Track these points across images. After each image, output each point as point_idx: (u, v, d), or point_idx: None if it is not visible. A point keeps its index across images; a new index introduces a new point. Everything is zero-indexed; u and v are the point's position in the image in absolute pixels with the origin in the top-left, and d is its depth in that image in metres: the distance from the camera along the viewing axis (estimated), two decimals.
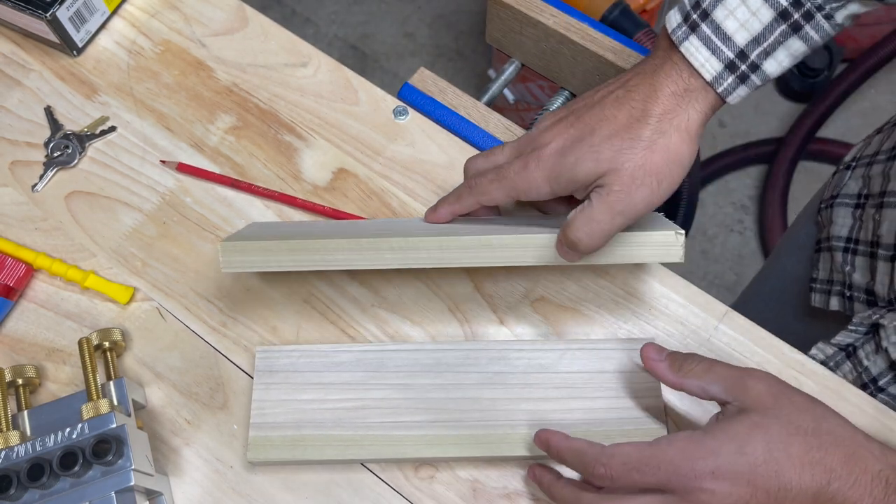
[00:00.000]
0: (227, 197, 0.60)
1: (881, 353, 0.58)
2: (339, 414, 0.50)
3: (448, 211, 0.52)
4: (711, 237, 1.62)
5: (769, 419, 0.40)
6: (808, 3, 0.42)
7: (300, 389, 0.51)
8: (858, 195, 0.66)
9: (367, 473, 0.51)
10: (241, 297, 0.57)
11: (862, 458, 0.39)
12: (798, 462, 0.39)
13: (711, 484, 0.39)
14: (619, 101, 0.46)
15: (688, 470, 0.39)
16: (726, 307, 0.55)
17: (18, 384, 0.52)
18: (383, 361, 0.52)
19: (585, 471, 0.43)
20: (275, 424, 0.50)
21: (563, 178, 0.46)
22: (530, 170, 0.47)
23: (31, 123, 0.63)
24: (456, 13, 1.88)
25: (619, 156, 0.44)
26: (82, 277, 0.56)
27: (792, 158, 1.62)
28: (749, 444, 0.40)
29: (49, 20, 0.61)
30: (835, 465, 0.39)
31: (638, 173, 0.44)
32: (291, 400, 0.51)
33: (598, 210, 0.44)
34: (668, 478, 0.40)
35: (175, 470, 0.52)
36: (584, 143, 0.45)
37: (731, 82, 0.44)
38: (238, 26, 0.66)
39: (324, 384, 0.51)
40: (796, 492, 0.38)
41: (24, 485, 0.45)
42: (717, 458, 0.39)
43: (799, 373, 0.53)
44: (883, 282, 0.59)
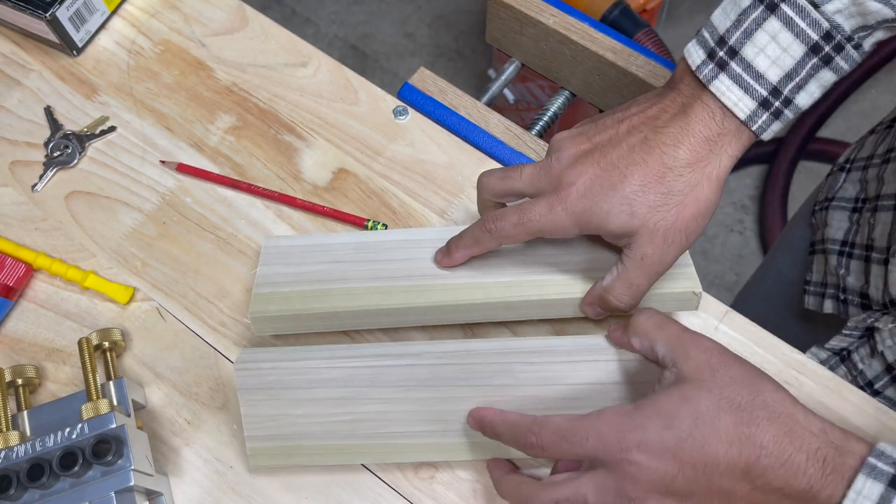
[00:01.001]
0: (227, 197, 0.60)
1: (877, 357, 0.58)
2: (334, 427, 0.49)
3: (466, 255, 0.50)
4: (711, 237, 1.62)
5: (701, 392, 0.40)
6: (838, 36, 0.42)
7: (290, 405, 0.49)
8: (856, 199, 0.66)
9: (367, 473, 0.51)
10: (241, 297, 0.57)
11: (798, 435, 0.37)
12: (725, 437, 0.38)
13: (638, 456, 0.38)
14: (647, 143, 0.44)
15: (615, 442, 0.39)
16: (726, 307, 0.55)
17: (18, 384, 0.52)
18: (377, 376, 0.48)
19: (518, 442, 0.42)
20: (270, 436, 0.49)
21: (593, 224, 0.45)
22: (557, 213, 0.45)
23: (30, 123, 0.63)
24: (456, 13, 1.88)
25: (653, 214, 0.44)
26: (82, 277, 0.56)
27: (792, 158, 1.62)
28: (676, 418, 0.39)
29: (49, 20, 0.61)
30: (766, 441, 0.37)
31: (670, 233, 0.45)
32: (281, 416, 0.49)
33: (635, 274, 0.46)
34: (595, 449, 0.39)
35: (175, 470, 0.52)
36: (616, 192, 0.44)
37: (766, 119, 0.44)
38: (238, 26, 0.66)
39: (315, 399, 0.49)
40: (724, 467, 0.37)
41: (23, 485, 0.45)
42: (644, 431, 0.39)
43: (799, 373, 0.52)
44: (877, 285, 0.59)
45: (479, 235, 0.49)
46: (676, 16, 1.80)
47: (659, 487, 0.38)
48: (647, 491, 0.39)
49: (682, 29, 1.79)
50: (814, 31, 0.42)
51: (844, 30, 0.42)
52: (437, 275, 0.51)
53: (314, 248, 0.53)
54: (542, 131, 0.70)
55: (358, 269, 0.52)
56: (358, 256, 0.52)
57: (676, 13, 1.79)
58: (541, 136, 0.70)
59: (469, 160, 0.60)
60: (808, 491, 0.36)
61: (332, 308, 0.50)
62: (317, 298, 0.50)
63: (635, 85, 0.64)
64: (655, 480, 0.38)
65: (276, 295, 0.51)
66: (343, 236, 0.54)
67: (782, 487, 0.37)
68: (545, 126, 0.70)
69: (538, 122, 0.70)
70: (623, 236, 0.46)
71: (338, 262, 0.52)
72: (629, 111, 0.47)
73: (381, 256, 0.52)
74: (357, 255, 0.53)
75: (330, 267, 0.52)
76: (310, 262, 0.52)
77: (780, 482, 0.37)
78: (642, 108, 0.46)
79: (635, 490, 0.39)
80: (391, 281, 0.51)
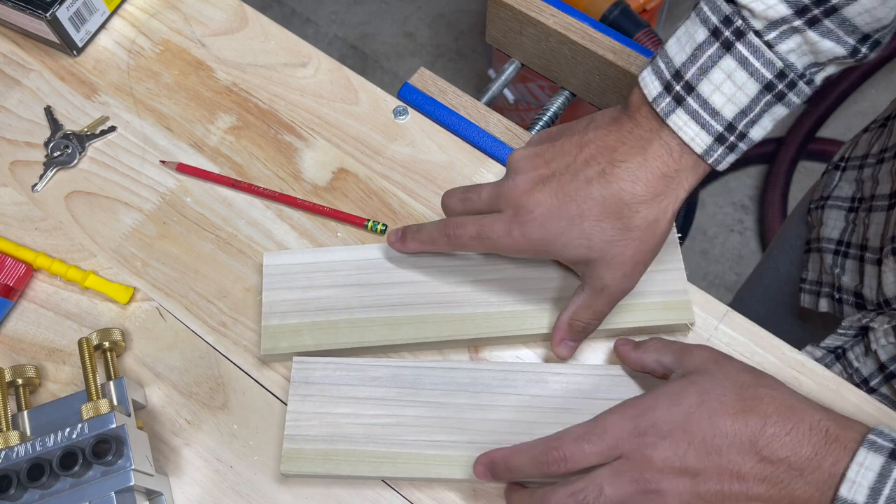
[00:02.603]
0: (227, 197, 0.60)
1: (871, 356, 0.58)
2: (373, 430, 0.49)
3: (418, 248, 0.52)
4: (711, 237, 1.62)
5: (706, 377, 0.42)
6: (791, 74, 0.43)
7: (335, 403, 0.50)
8: (852, 199, 0.66)
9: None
10: (241, 297, 0.57)
11: (799, 409, 0.39)
12: (731, 409, 0.39)
13: (653, 437, 0.40)
14: (605, 177, 0.45)
15: (630, 428, 0.41)
16: (726, 307, 0.55)
17: (18, 384, 0.52)
18: (419, 378, 0.51)
19: (541, 462, 0.42)
20: (308, 437, 0.49)
21: (551, 252, 0.47)
22: (514, 237, 0.47)
23: (30, 123, 0.63)
24: (456, 13, 1.88)
25: (611, 248, 0.45)
26: (82, 277, 0.57)
27: (792, 158, 1.62)
28: (683, 396, 0.41)
29: (49, 20, 0.61)
30: (770, 412, 0.39)
31: (627, 266, 0.46)
32: (326, 413, 0.50)
33: (597, 303, 0.48)
34: (614, 440, 0.41)
35: (175, 470, 0.52)
36: (573, 225, 0.45)
37: (721, 153, 0.45)
38: (238, 26, 0.66)
39: (359, 399, 0.50)
40: (732, 437, 0.39)
41: (23, 485, 0.45)
42: (654, 412, 0.41)
43: (799, 373, 0.53)
44: (871, 285, 0.59)
45: (437, 238, 0.51)
46: (676, 16, 1.80)
47: (673, 466, 0.39)
48: (662, 471, 0.39)
49: None
50: (768, 70, 0.42)
51: (797, 68, 0.43)
52: (441, 303, 0.53)
53: (316, 267, 0.54)
54: None
55: (361, 295, 0.53)
56: (361, 279, 0.54)
57: (676, 13, 1.79)
58: None
59: (469, 160, 0.61)
60: (814, 458, 0.37)
61: (341, 344, 0.52)
62: (324, 332, 0.52)
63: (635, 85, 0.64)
64: (669, 458, 0.39)
65: (285, 328, 0.53)
66: (342, 252, 0.55)
67: (788, 456, 0.38)
68: (545, 126, 0.70)
69: (538, 122, 0.70)
70: (581, 265, 0.48)
71: (341, 287, 0.54)
72: (587, 136, 0.47)
73: (382, 279, 0.54)
74: (360, 276, 0.54)
75: (334, 293, 0.53)
76: (313, 287, 0.54)
77: (786, 450, 0.38)
78: (600, 134, 0.47)
79: (650, 472, 0.39)
80: (396, 310, 0.53)
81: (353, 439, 0.49)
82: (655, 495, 0.39)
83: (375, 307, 0.53)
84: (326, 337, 0.52)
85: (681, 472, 0.39)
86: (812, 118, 1.64)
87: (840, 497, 0.36)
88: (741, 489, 0.38)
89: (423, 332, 0.52)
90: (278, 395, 0.54)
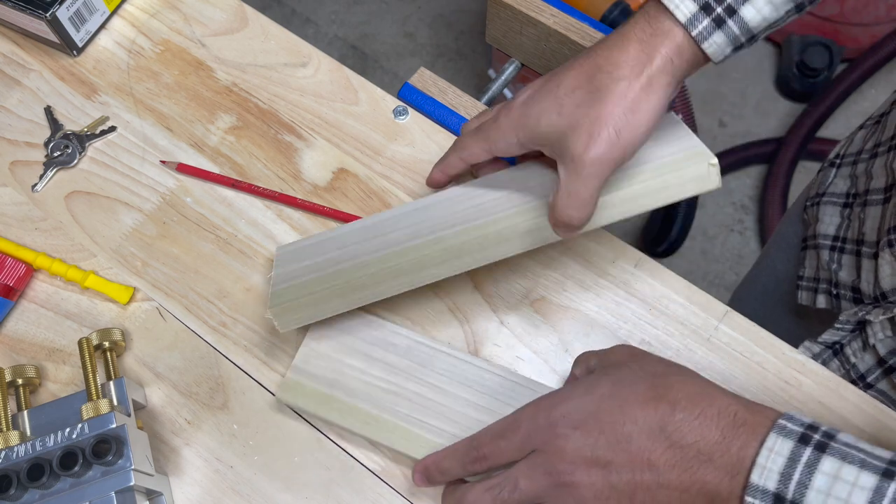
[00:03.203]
0: (227, 197, 0.60)
1: (869, 350, 0.58)
2: (373, 391, 0.50)
3: (438, 171, 0.54)
4: (712, 237, 1.62)
5: (621, 369, 0.42)
6: None
7: (348, 352, 0.51)
8: (847, 194, 0.66)
9: (367, 473, 0.51)
10: (241, 297, 0.57)
11: (709, 394, 0.39)
12: (643, 397, 0.40)
13: (564, 429, 0.40)
14: (588, 53, 0.46)
15: (544, 420, 0.41)
16: (727, 307, 0.55)
17: (18, 384, 0.52)
18: (432, 359, 0.51)
19: (464, 462, 0.44)
20: (312, 376, 0.51)
21: (528, 128, 0.47)
22: (500, 121, 0.48)
23: (30, 123, 0.63)
24: (456, 13, 1.88)
25: (578, 111, 0.44)
26: (82, 277, 0.56)
27: (792, 158, 1.62)
28: (596, 385, 0.41)
29: (49, 20, 0.61)
30: (679, 398, 0.39)
31: (595, 128, 0.43)
32: (337, 359, 0.51)
33: (571, 181, 0.44)
34: (528, 433, 0.41)
35: (175, 470, 0.52)
36: (549, 94, 0.46)
37: (707, 25, 0.42)
38: (238, 26, 0.66)
39: (371, 357, 0.51)
40: (641, 423, 0.39)
41: (23, 485, 0.45)
42: (566, 403, 0.41)
43: (799, 373, 0.53)
44: (868, 279, 0.59)
45: (448, 154, 0.54)
46: None
47: (585, 456, 0.39)
48: (574, 463, 0.40)
49: None
50: None
51: None
52: (446, 225, 0.50)
53: (325, 241, 0.54)
54: None
55: (368, 245, 0.52)
56: (366, 235, 0.53)
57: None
58: None
59: None
60: (722, 442, 0.37)
61: (349, 280, 0.49)
62: (332, 276, 0.50)
63: None
64: (581, 448, 0.40)
65: (293, 286, 0.51)
66: (351, 224, 0.55)
67: (697, 441, 0.37)
68: None
69: None
70: (556, 141, 0.45)
71: (348, 246, 0.53)
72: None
73: (388, 229, 0.53)
74: (366, 234, 0.53)
75: (341, 252, 0.52)
76: (322, 253, 0.53)
77: (694, 435, 0.38)
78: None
79: (563, 464, 0.40)
80: (402, 244, 0.50)
81: (351, 392, 0.50)
82: (570, 487, 0.40)
83: (382, 248, 0.50)
84: (334, 280, 0.50)
85: (593, 462, 0.39)
86: (812, 118, 1.64)
87: (751, 484, 0.35)
88: (652, 478, 0.38)
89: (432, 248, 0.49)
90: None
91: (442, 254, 0.49)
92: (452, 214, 0.51)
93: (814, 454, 0.35)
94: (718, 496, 0.37)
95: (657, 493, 0.39)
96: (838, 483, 0.34)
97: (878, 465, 0.34)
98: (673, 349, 0.54)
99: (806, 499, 0.34)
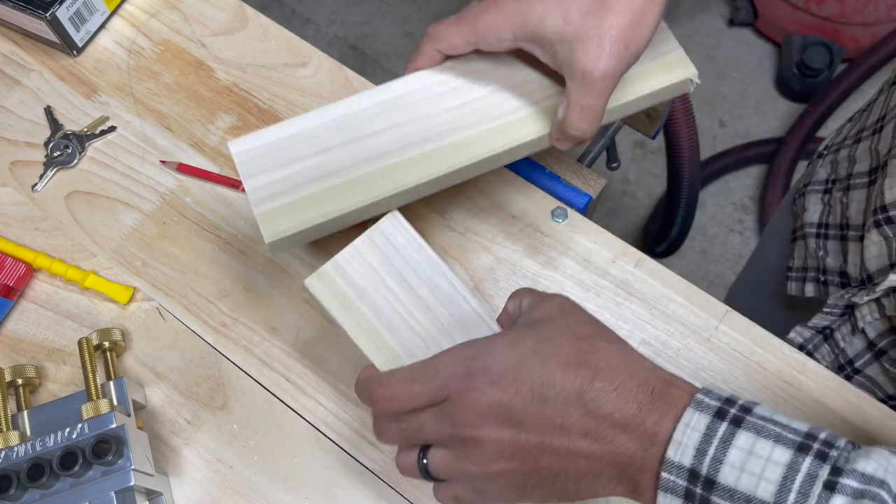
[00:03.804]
0: (227, 197, 0.60)
1: (858, 335, 0.58)
2: (399, 322, 0.47)
3: (412, 67, 0.51)
4: (712, 237, 1.62)
5: (547, 325, 0.40)
6: None
7: (392, 273, 0.47)
8: (826, 181, 0.66)
9: (367, 473, 0.51)
10: (241, 297, 0.57)
11: (630, 366, 0.38)
12: (564, 360, 0.38)
13: (480, 382, 0.38)
14: None
15: (462, 369, 0.39)
16: (727, 307, 0.55)
17: (18, 384, 0.52)
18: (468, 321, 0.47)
19: (370, 399, 0.41)
20: (348, 278, 0.47)
21: (528, 28, 0.45)
22: (490, 12, 0.45)
23: (30, 123, 0.63)
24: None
25: (586, 20, 0.43)
26: (82, 277, 0.56)
27: (792, 158, 1.62)
28: (521, 340, 0.39)
29: (49, 20, 0.61)
30: (601, 367, 0.38)
31: (605, 41, 0.43)
32: (378, 274, 0.47)
33: (582, 95, 0.44)
34: (444, 382, 0.39)
35: (175, 470, 0.52)
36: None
37: None
38: (238, 26, 0.66)
39: (411, 288, 0.47)
40: (560, 388, 0.38)
41: (23, 485, 0.45)
42: (487, 355, 0.39)
43: (799, 373, 0.53)
44: (854, 262, 0.59)
45: (422, 46, 0.50)
46: (677, 15, 1.80)
47: (496, 412, 0.38)
48: (484, 417, 0.38)
49: (682, 29, 1.79)
50: None
51: None
52: (435, 134, 0.49)
53: (290, 140, 0.50)
54: None
55: (352, 153, 0.49)
56: (345, 137, 0.49)
57: (676, 13, 1.79)
58: None
59: None
60: (637, 416, 0.36)
61: (348, 207, 0.48)
62: (324, 201, 0.48)
63: None
64: (493, 404, 0.38)
65: (281, 210, 0.48)
66: (311, 118, 0.50)
67: (612, 413, 0.37)
68: None
69: None
70: (560, 50, 0.44)
71: (326, 152, 0.49)
72: None
73: (367, 130, 0.50)
74: (343, 135, 0.50)
75: (322, 160, 0.49)
76: (297, 160, 0.49)
77: (610, 406, 0.37)
78: None
79: (473, 417, 0.38)
80: (393, 156, 0.49)
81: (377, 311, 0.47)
82: (474, 441, 0.39)
83: (370, 159, 0.49)
84: (329, 205, 0.48)
85: (503, 420, 0.38)
86: (812, 118, 1.64)
87: (667, 459, 0.35)
88: (563, 443, 0.38)
89: (426, 171, 0.48)
90: (278, 395, 0.54)
91: (441, 168, 0.48)
92: (440, 115, 0.49)
93: (729, 429, 0.34)
94: (630, 466, 0.37)
95: (565, 458, 0.38)
96: (752, 458, 0.33)
97: (793, 438, 0.33)
98: (673, 349, 0.54)
99: (720, 474, 0.33)
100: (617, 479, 0.37)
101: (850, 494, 0.31)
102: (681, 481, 0.34)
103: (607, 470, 0.37)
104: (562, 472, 0.38)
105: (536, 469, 0.38)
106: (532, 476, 0.39)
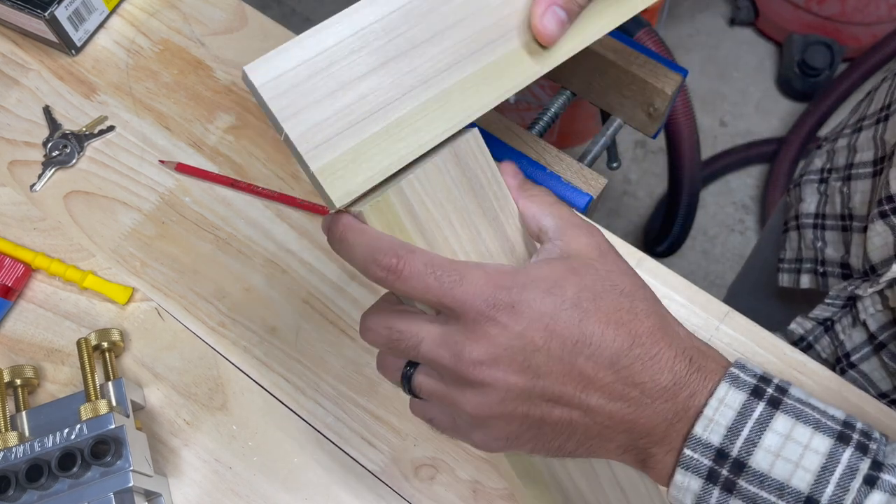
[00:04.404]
0: (227, 197, 0.60)
1: (858, 327, 0.58)
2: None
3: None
4: (712, 237, 1.62)
5: (588, 269, 0.36)
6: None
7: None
8: (821, 170, 0.66)
9: (366, 474, 0.51)
10: (240, 297, 0.56)
11: (669, 334, 0.35)
12: (605, 317, 0.34)
13: (506, 318, 0.34)
14: None
15: (489, 295, 0.34)
16: (727, 307, 0.55)
17: (17, 385, 0.52)
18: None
19: (375, 260, 0.34)
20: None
21: None
22: None
23: (29, 123, 0.63)
24: None
25: None
26: (81, 277, 0.56)
27: (793, 158, 1.62)
28: (560, 286, 0.35)
29: (48, 19, 0.61)
30: (641, 332, 0.35)
31: None
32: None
33: None
34: (463, 295, 0.34)
35: (174, 471, 0.52)
36: None
37: None
38: (237, 26, 0.66)
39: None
40: (595, 347, 0.34)
41: (22, 486, 0.45)
42: (522, 291, 0.34)
43: (799, 373, 0.52)
44: (857, 254, 0.59)
45: None
46: (677, 15, 1.80)
47: (513, 357, 0.34)
48: (496, 358, 0.34)
49: (683, 28, 1.79)
50: None
51: None
52: (516, 26, 0.39)
53: (331, 56, 0.37)
54: (543, 131, 0.70)
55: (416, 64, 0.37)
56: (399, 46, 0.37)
57: (677, 12, 1.79)
58: (541, 136, 0.69)
59: None
60: (671, 388, 0.34)
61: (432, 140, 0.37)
62: (399, 136, 0.36)
63: (636, 84, 0.64)
64: (515, 348, 0.34)
65: (345, 158, 0.35)
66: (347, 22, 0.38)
67: (645, 382, 0.34)
68: (545, 126, 0.70)
69: (538, 122, 0.70)
70: None
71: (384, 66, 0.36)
72: None
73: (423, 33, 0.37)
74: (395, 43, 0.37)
75: (379, 80, 0.36)
76: (346, 83, 0.36)
77: (644, 376, 0.34)
78: None
79: (482, 353, 0.34)
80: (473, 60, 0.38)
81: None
82: (476, 384, 0.34)
83: (443, 71, 0.37)
84: (405, 142, 0.36)
85: (520, 367, 0.34)
86: (813, 117, 1.63)
87: (693, 435, 0.32)
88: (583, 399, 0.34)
89: (521, 72, 0.40)
90: (278, 395, 0.53)
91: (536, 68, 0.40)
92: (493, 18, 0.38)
93: (766, 410, 0.32)
94: (648, 436, 0.34)
95: (578, 415, 0.35)
96: (789, 443, 0.31)
97: (832, 426, 0.32)
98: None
99: (753, 457, 0.32)
100: (625, 447, 0.35)
101: (888, 491, 0.30)
102: (706, 460, 0.32)
103: (620, 437, 0.35)
104: (568, 428, 0.35)
105: (541, 421, 0.35)
106: (532, 427, 0.35)
